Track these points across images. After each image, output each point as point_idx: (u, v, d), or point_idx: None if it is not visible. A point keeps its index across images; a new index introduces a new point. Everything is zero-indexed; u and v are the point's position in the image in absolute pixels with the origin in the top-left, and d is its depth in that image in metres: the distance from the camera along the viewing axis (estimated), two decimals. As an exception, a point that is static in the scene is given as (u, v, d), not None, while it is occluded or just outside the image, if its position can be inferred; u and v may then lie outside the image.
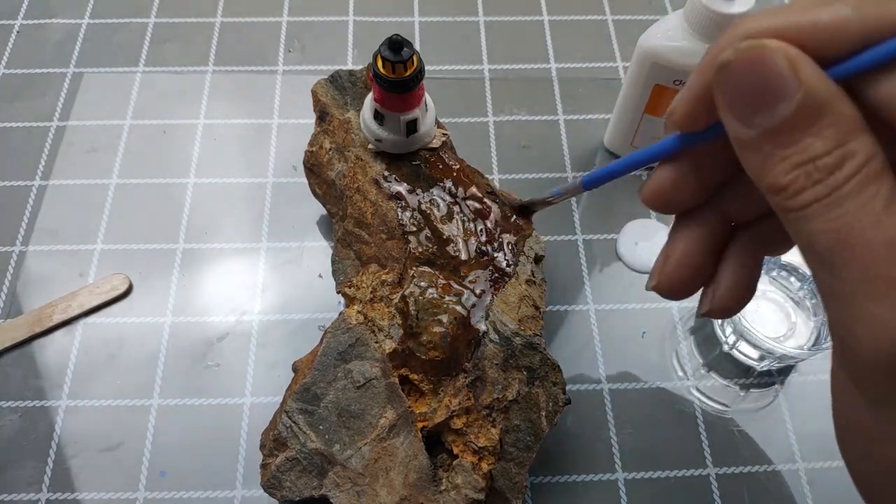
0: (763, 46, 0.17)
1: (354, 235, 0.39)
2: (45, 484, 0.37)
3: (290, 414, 0.34)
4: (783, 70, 0.16)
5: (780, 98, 0.17)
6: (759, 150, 0.18)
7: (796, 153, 0.17)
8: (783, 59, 0.16)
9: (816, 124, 0.16)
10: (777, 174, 0.17)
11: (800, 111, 0.16)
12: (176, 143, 0.49)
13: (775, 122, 0.17)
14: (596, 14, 0.57)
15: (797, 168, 0.17)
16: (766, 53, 0.17)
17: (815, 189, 0.17)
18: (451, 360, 0.34)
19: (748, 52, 0.17)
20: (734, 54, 0.17)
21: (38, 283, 0.43)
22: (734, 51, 0.17)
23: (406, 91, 0.35)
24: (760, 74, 0.17)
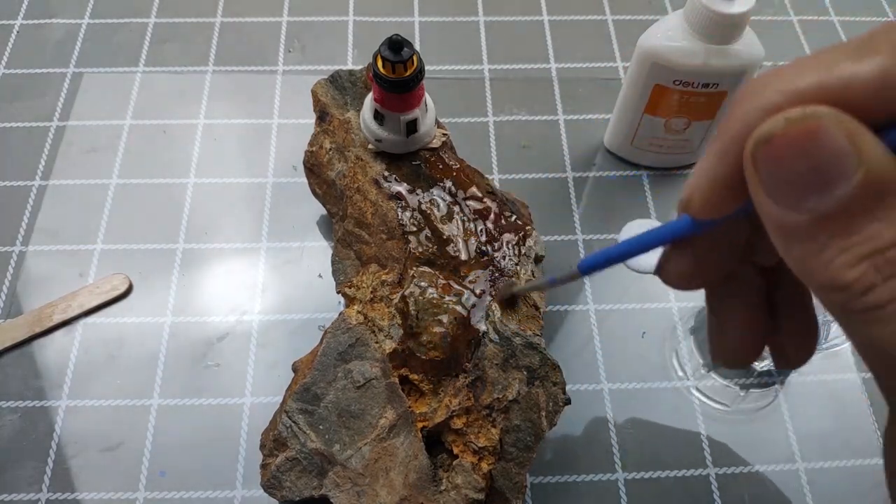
0: (818, 117, 0.14)
1: (354, 235, 0.39)
2: (45, 484, 0.37)
3: (290, 414, 0.34)
4: (842, 145, 0.13)
5: (838, 179, 0.14)
6: (810, 240, 0.15)
7: (860, 243, 0.14)
8: (841, 131, 0.13)
9: (882, 207, 0.14)
10: (837, 269, 0.14)
11: (861, 192, 0.14)
12: (176, 143, 0.49)
13: (831, 206, 0.14)
14: (596, 14, 0.57)
15: (863, 261, 0.14)
16: (822, 126, 0.14)
17: (887, 287, 0.14)
18: (451, 360, 0.34)
19: (800, 124, 0.14)
20: (782, 127, 0.14)
21: (38, 283, 0.43)
22: (783, 122, 0.14)
23: (406, 91, 0.35)
24: (814, 152, 0.14)
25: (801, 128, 0.14)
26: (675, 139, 0.46)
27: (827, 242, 0.14)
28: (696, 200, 0.17)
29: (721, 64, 0.40)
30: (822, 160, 0.14)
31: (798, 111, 0.14)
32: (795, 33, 0.57)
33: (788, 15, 0.58)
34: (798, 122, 0.14)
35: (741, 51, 0.39)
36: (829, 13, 0.58)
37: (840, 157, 0.14)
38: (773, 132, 0.14)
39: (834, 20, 0.58)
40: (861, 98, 0.14)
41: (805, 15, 0.58)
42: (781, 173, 0.14)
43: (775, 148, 0.14)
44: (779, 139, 0.14)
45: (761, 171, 0.15)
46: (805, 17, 0.58)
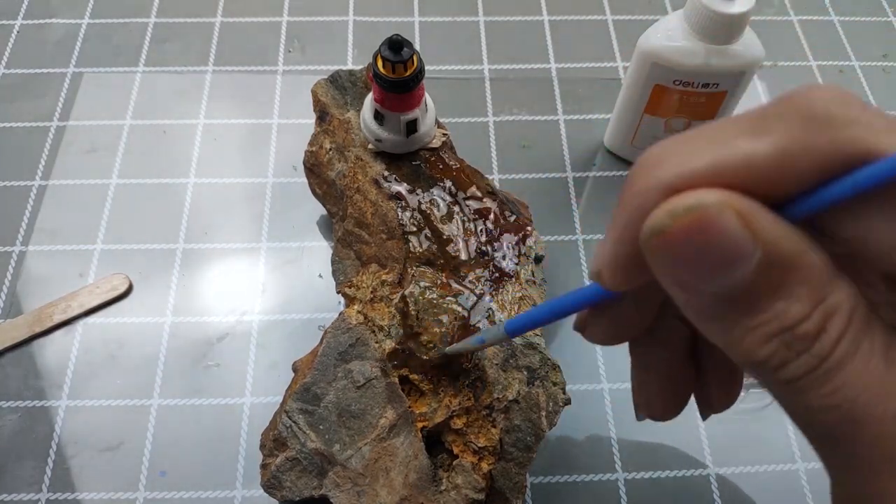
0: (704, 208, 0.13)
1: (354, 235, 0.39)
2: (45, 484, 0.37)
3: (290, 414, 0.34)
4: (735, 231, 0.13)
5: (736, 263, 0.13)
6: (719, 321, 0.14)
7: (767, 322, 0.14)
8: (732, 217, 0.13)
9: (785, 284, 0.13)
10: (749, 347, 0.14)
11: (761, 274, 0.13)
12: (176, 143, 0.49)
13: (733, 289, 0.14)
14: (596, 14, 0.57)
15: (774, 338, 0.14)
16: (710, 216, 0.13)
17: (800, 362, 0.13)
18: (451, 360, 0.34)
19: (686, 217, 0.13)
20: (668, 221, 0.13)
21: (38, 283, 0.43)
22: (667, 216, 0.13)
23: (406, 91, 0.35)
24: (706, 242, 0.13)
25: (688, 221, 0.13)
26: (675, 139, 0.46)
27: (735, 322, 0.14)
28: (605, 275, 0.17)
29: (721, 64, 0.40)
30: (716, 248, 0.13)
31: (683, 204, 0.13)
32: (795, 33, 0.57)
33: (788, 15, 0.58)
34: (684, 216, 0.13)
35: (741, 51, 0.39)
36: (829, 13, 0.58)
37: (735, 243, 0.13)
38: (661, 227, 0.14)
39: (834, 20, 0.58)
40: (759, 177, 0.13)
41: (805, 15, 0.58)
42: (678, 262, 0.14)
43: (667, 241, 0.14)
44: (669, 233, 0.13)
45: (658, 261, 0.14)
46: (805, 17, 0.58)
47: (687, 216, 0.13)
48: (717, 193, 0.13)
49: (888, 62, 0.55)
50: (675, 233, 0.13)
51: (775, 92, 0.53)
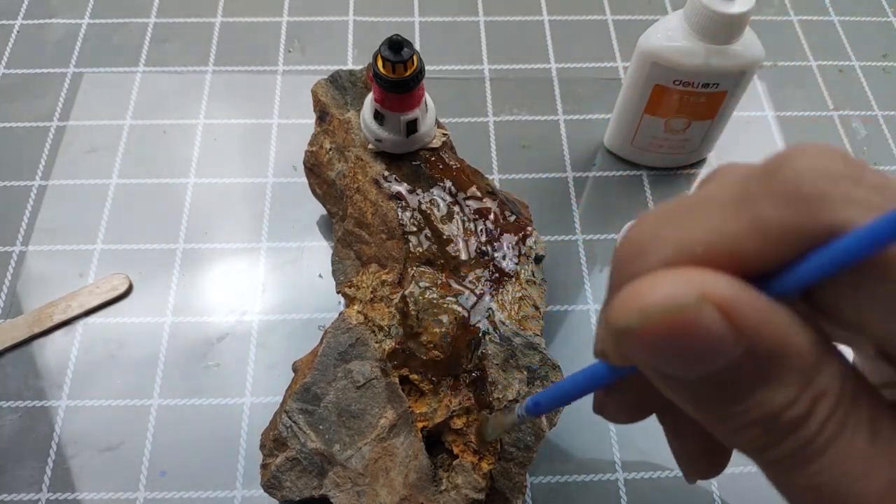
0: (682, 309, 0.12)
1: (354, 235, 0.39)
2: (45, 484, 0.37)
3: (290, 414, 0.34)
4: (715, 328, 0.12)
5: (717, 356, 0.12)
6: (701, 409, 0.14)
7: (747, 411, 0.13)
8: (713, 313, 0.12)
9: (770, 371, 0.13)
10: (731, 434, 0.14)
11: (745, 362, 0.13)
12: (176, 143, 0.49)
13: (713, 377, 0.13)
14: (596, 14, 0.57)
15: (754, 426, 0.13)
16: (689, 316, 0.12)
17: (783, 447, 0.13)
18: (451, 360, 0.34)
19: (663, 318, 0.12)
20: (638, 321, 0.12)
21: (38, 283, 0.43)
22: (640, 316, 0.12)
23: (406, 91, 0.35)
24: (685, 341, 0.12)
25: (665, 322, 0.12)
26: (675, 139, 0.46)
27: (716, 409, 0.14)
28: (609, 353, 0.16)
29: (721, 64, 0.40)
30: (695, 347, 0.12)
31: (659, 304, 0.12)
32: (795, 33, 0.57)
33: (788, 15, 0.58)
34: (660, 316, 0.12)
35: (741, 51, 0.39)
36: (829, 13, 0.58)
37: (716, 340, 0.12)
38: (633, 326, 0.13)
39: (834, 20, 0.58)
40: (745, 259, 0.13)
41: (805, 15, 0.58)
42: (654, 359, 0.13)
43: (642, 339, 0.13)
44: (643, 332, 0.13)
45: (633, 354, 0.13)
46: (805, 17, 0.58)
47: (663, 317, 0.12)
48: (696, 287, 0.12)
49: (888, 62, 0.55)
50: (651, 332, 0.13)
51: (775, 92, 0.53)
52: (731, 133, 0.49)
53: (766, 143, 0.51)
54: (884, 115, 0.52)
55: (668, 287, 0.12)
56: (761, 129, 0.51)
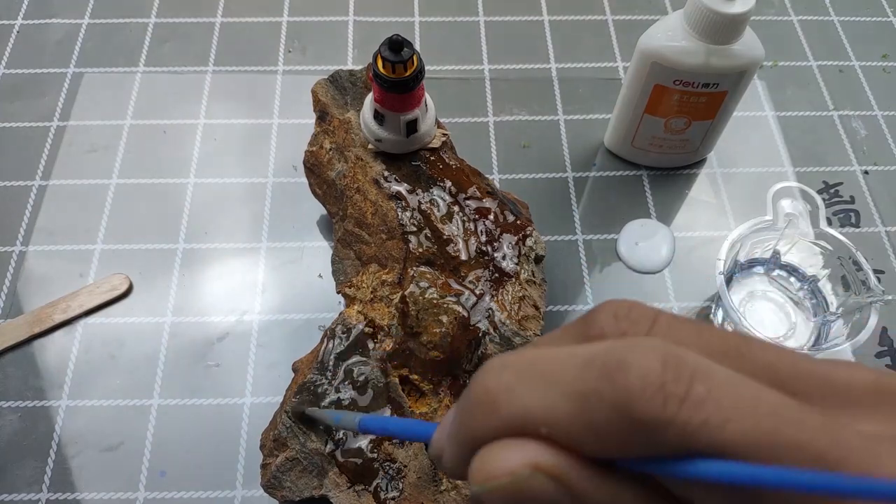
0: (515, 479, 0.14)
1: (354, 235, 0.39)
2: (45, 484, 0.37)
3: (291, 414, 0.34)
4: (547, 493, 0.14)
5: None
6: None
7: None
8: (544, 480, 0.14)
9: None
10: None
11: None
12: (176, 143, 0.49)
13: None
14: (596, 14, 0.57)
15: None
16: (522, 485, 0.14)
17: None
18: (452, 360, 0.34)
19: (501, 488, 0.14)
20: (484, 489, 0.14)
21: (38, 283, 0.43)
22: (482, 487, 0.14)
23: (406, 91, 0.35)
24: None
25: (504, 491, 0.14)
26: (675, 139, 0.46)
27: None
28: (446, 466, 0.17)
29: (721, 64, 0.40)
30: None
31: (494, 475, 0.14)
32: (795, 33, 0.57)
33: (788, 15, 0.58)
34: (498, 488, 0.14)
35: (741, 51, 0.39)
36: (829, 13, 0.58)
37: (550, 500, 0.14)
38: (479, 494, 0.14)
39: (834, 20, 0.58)
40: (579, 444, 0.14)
41: (805, 15, 0.58)
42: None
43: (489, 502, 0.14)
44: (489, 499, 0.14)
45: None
46: (805, 17, 0.58)
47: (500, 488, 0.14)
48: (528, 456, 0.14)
49: (888, 62, 0.55)
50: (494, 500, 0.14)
51: (775, 92, 0.53)
52: (731, 133, 0.49)
53: (766, 143, 0.51)
54: (884, 115, 0.52)
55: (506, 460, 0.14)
56: (761, 129, 0.51)
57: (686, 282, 0.44)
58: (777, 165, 0.50)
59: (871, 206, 0.48)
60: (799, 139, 0.51)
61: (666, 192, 0.48)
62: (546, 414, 0.14)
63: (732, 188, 0.48)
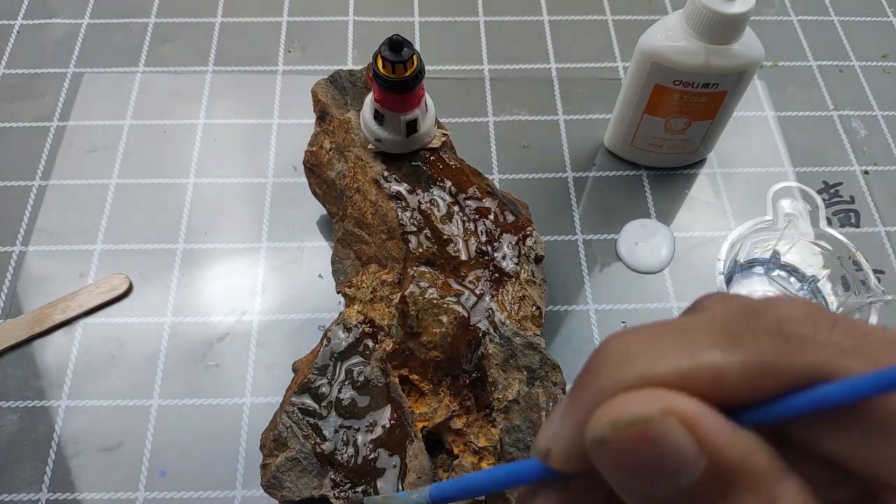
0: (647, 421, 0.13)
1: (354, 235, 0.39)
2: (45, 484, 0.37)
3: (291, 414, 0.34)
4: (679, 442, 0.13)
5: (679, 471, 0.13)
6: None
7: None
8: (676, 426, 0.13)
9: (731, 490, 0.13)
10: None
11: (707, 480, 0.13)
12: (176, 143, 0.49)
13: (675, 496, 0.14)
14: (596, 14, 0.57)
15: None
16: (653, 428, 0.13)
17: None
18: (451, 360, 0.34)
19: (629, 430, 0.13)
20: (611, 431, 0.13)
21: (38, 283, 0.43)
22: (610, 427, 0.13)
23: (406, 91, 0.35)
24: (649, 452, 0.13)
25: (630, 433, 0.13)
26: (675, 139, 0.46)
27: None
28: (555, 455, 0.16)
29: (721, 64, 0.40)
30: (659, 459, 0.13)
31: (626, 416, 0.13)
32: (795, 33, 0.57)
33: (788, 15, 0.58)
34: (627, 428, 0.13)
35: (741, 51, 0.39)
36: (829, 13, 0.58)
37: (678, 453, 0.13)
38: (602, 437, 0.14)
39: (834, 20, 0.58)
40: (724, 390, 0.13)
41: (805, 15, 0.58)
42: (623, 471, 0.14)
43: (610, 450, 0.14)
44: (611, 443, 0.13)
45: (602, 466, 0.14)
46: (805, 17, 0.58)
47: (629, 428, 0.13)
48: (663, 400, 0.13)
49: (888, 62, 0.55)
50: (618, 443, 0.13)
51: (775, 92, 0.53)
52: (731, 133, 0.49)
53: (766, 143, 0.51)
54: (884, 115, 0.52)
55: (637, 403, 0.13)
56: (761, 129, 0.51)
57: (686, 282, 0.44)
58: (777, 165, 0.50)
59: (871, 206, 0.48)
60: (799, 139, 0.51)
61: (666, 192, 0.48)
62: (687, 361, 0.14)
63: (732, 188, 0.48)
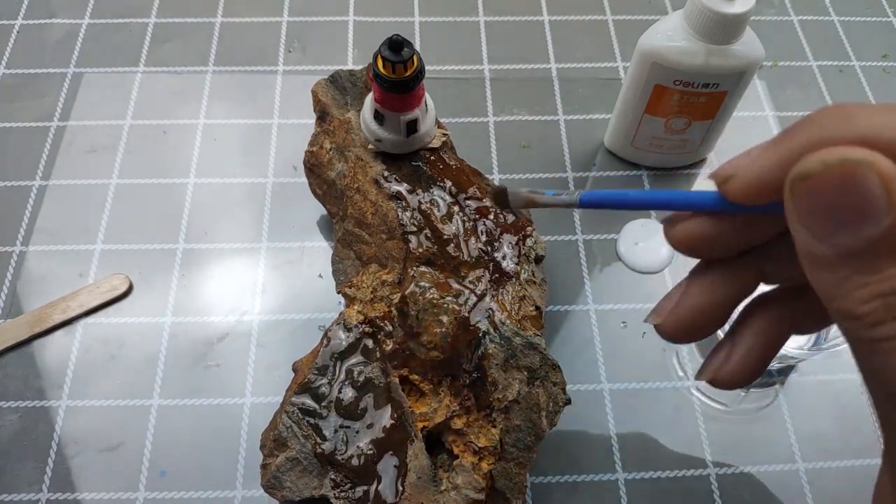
0: (856, 163, 0.14)
1: (355, 235, 0.39)
2: (45, 484, 0.37)
3: (291, 414, 0.34)
4: (875, 190, 0.14)
5: (867, 219, 0.15)
6: (833, 271, 0.15)
7: (879, 282, 0.15)
8: (876, 177, 0.14)
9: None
10: (853, 301, 0.15)
11: (887, 236, 0.14)
12: (176, 143, 0.49)
13: (858, 244, 0.15)
14: (596, 14, 0.57)
15: (878, 298, 0.15)
16: (859, 171, 0.14)
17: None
18: (452, 360, 0.34)
19: (837, 168, 0.15)
20: (820, 167, 0.15)
21: (38, 283, 0.43)
22: (819, 163, 0.15)
23: (406, 91, 0.35)
24: (847, 193, 0.15)
25: (836, 172, 0.15)
26: (676, 139, 0.46)
27: (848, 276, 0.15)
28: (738, 184, 0.18)
29: (721, 64, 0.40)
30: (853, 202, 0.15)
31: (837, 155, 0.15)
32: (795, 33, 0.57)
33: (788, 15, 0.58)
34: (834, 167, 0.15)
35: (741, 51, 0.39)
36: (829, 13, 0.58)
37: (871, 201, 0.14)
38: (810, 171, 0.15)
39: (834, 20, 0.58)
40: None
41: (805, 15, 0.58)
42: (815, 208, 0.15)
43: (812, 185, 0.15)
44: (816, 178, 0.15)
45: (797, 203, 0.16)
46: (805, 17, 0.58)
47: (836, 167, 0.15)
48: (869, 153, 0.14)
49: (888, 62, 0.55)
50: (822, 180, 0.15)
51: (775, 92, 0.53)
52: (731, 133, 0.49)
53: (766, 143, 0.51)
54: (884, 115, 0.52)
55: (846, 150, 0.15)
56: (761, 129, 0.51)
57: (686, 282, 0.44)
58: (777, 165, 0.50)
59: (871, 206, 0.48)
60: (799, 139, 0.51)
61: (666, 192, 0.48)
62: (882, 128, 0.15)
63: (732, 188, 0.48)
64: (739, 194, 0.18)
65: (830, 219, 0.15)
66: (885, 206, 0.14)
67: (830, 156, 0.15)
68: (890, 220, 0.14)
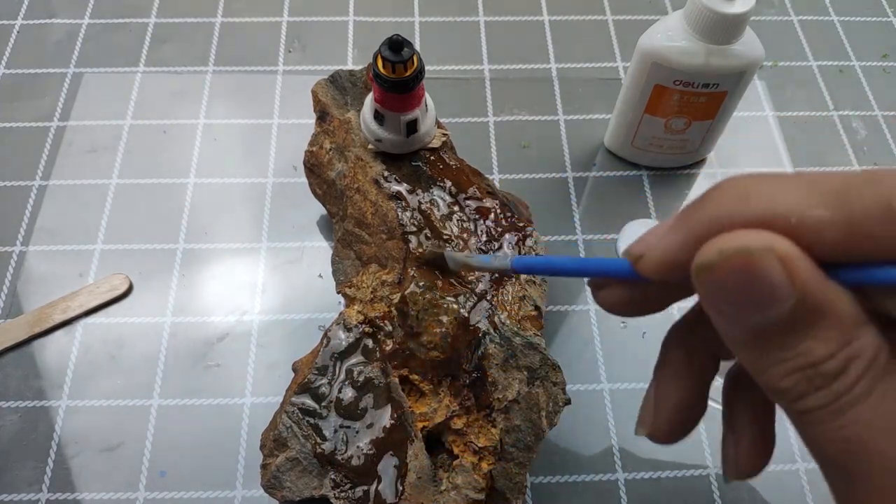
0: (750, 254, 0.15)
1: (354, 235, 0.39)
2: (45, 484, 0.37)
3: (291, 414, 0.34)
4: (776, 276, 0.15)
5: (773, 301, 0.15)
6: (752, 350, 0.16)
7: (794, 357, 0.15)
8: (776, 262, 0.15)
9: (815, 327, 0.15)
10: (774, 377, 0.16)
11: (795, 315, 0.15)
12: (176, 143, 0.49)
13: (769, 324, 0.15)
14: (596, 14, 0.57)
15: (797, 372, 0.15)
16: (757, 260, 0.15)
17: (819, 395, 0.15)
18: (452, 360, 0.34)
19: (735, 258, 0.15)
20: (719, 258, 0.15)
21: (38, 283, 0.43)
22: (717, 254, 0.15)
23: (406, 91, 0.35)
24: (750, 281, 0.15)
25: (736, 262, 0.15)
26: (675, 139, 0.46)
27: (766, 353, 0.16)
28: (648, 264, 0.18)
29: (721, 64, 0.40)
30: (756, 289, 0.15)
31: (735, 245, 0.15)
32: (795, 33, 0.57)
33: (788, 15, 0.58)
34: (732, 257, 0.15)
35: (741, 51, 0.39)
36: (829, 13, 0.58)
37: (775, 286, 0.15)
38: (712, 262, 0.15)
39: (834, 20, 0.58)
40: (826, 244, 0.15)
41: (805, 15, 0.58)
42: (722, 296, 0.16)
43: (715, 277, 0.15)
44: (718, 270, 0.15)
45: (704, 290, 0.16)
46: (805, 17, 0.58)
47: (734, 257, 0.15)
48: (767, 239, 0.15)
49: (888, 62, 0.55)
50: (723, 271, 0.15)
51: (775, 92, 0.53)
52: (731, 133, 0.49)
53: (766, 143, 0.51)
54: (884, 115, 0.52)
55: (744, 237, 0.15)
56: (761, 129, 0.51)
57: (686, 282, 0.44)
58: (777, 165, 0.50)
59: (871, 206, 0.48)
60: (799, 139, 0.51)
61: (666, 192, 0.48)
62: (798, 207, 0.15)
63: (732, 188, 0.48)
64: (651, 273, 0.18)
65: (739, 304, 0.15)
66: (788, 289, 0.15)
67: (727, 245, 0.15)
68: (794, 302, 0.15)
